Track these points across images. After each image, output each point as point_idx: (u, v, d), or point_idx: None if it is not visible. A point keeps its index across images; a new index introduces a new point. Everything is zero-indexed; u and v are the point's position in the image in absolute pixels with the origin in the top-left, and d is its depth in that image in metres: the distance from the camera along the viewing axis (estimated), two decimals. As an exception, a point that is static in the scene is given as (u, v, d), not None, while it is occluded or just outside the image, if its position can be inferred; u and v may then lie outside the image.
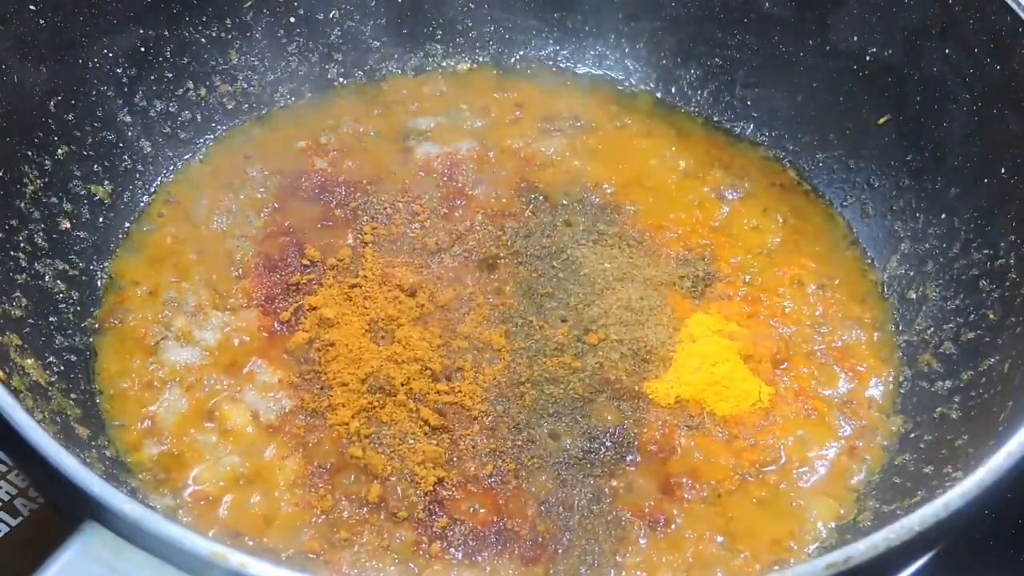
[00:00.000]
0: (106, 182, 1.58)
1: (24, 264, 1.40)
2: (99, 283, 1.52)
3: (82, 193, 1.54)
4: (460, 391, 1.42)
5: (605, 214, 1.67)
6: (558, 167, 1.73)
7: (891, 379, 1.50)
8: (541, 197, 1.69)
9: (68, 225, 1.50)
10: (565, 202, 1.68)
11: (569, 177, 1.71)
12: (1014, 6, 1.45)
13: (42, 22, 1.47)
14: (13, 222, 1.40)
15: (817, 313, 1.58)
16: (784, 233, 1.68)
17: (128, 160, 1.62)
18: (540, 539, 1.31)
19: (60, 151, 1.50)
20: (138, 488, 1.30)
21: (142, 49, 1.64)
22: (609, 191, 1.70)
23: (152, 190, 1.64)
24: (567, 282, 1.57)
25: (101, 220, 1.56)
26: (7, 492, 1.41)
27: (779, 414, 1.46)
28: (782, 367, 1.51)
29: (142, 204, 1.62)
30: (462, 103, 1.82)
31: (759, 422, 1.44)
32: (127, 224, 1.59)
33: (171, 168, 1.68)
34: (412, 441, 1.37)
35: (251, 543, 1.28)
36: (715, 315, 1.55)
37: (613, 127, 1.81)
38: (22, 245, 1.41)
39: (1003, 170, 1.46)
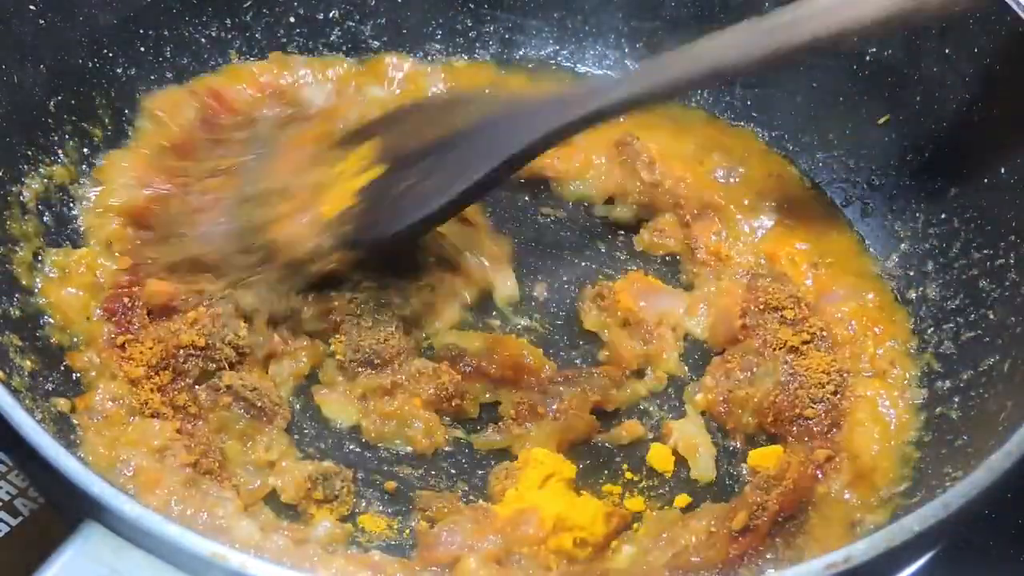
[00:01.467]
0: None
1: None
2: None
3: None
4: None
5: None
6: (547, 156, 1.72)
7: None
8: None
9: (68, 225, 1.50)
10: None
11: (555, 162, 1.71)
12: (1014, 6, 1.45)
13: (42, 22, 1.47)
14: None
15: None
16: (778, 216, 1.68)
17: (128, 160, 1.62)
18: None
19: (60, 151, 1.50)
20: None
21: (142, 49, 1.64)
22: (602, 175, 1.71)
23: (153, 190, 1.64)
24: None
25: (101, 220, 1.56)
26: (7, 492, 1.41)
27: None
28: None
29: (143, 204, 1.62)
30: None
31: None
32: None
33: (171, 168, 1.68)
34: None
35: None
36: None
37: (608, 123, 1.79)
38: (22, 245, 1.41)
39: (1003, 170, 1.46)
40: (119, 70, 1.61)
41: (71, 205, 1.48)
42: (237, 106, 1.61)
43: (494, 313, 1.57)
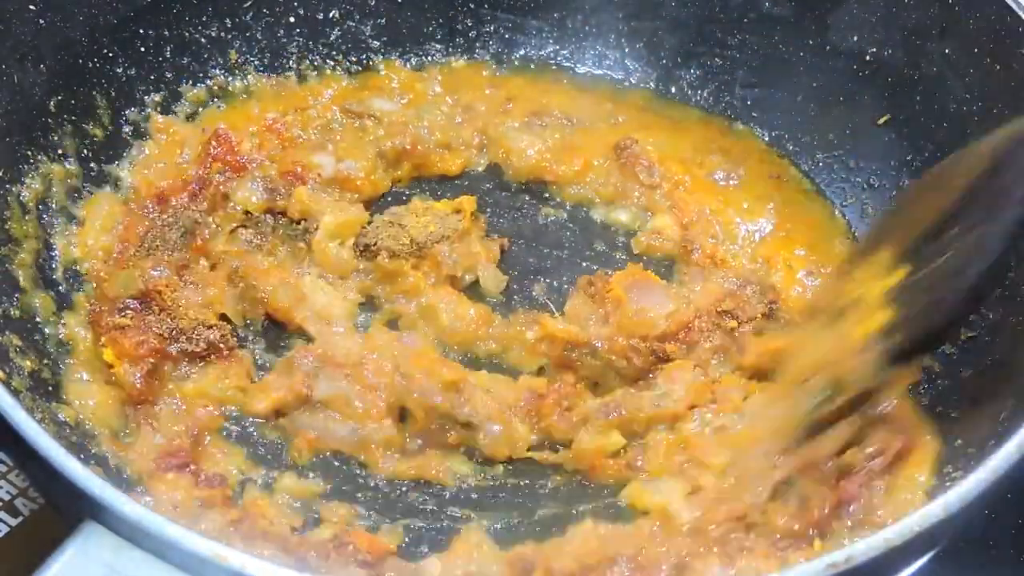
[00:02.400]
0: (106, 184, 1.57)
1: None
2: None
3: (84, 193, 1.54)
4: None
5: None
6: (542, 157, 1.73)
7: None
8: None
9: (68, 225, 1.50)
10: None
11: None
12: (1014, 6, 1.46)
13: (42, 22, 1.47)
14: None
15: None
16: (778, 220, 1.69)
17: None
18: None
19: (60, 151, 1.50)
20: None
21: (142, 49, 1.64)
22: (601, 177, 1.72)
23: (152, 190, 1.64)
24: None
25: (101, 220, 1.56)
26: (7, 492, 1.41)
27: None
28: None
29: (143, 204, 1.63)
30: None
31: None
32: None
33: (171, 168, 1.68)
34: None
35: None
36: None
37: (607, 124, 1.80)
38: (23, 245, 1.41)
39: (1003, 170, 1.46)
40: (119, 70, 1.61)
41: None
42: (240, 151, 1.61)
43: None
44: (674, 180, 1.68)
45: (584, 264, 1.64)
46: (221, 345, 1.43)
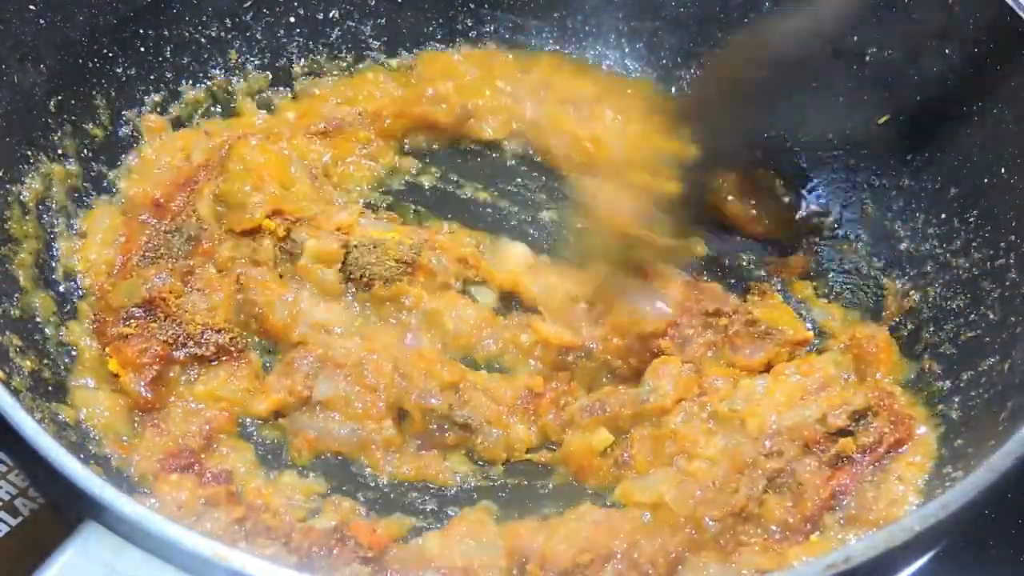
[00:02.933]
0: (106, 186, 1.58)
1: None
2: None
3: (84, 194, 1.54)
4: None
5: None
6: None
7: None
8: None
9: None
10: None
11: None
12: (1014, 6, 1.46)
13: (42, 22, 1.47)
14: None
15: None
16: None
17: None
18: None
19: (60, 151, 1.50)
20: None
21: (142, 49, 1.64)
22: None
23: (152, 190, 1.64)
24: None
25: (101, 220, 1.56)
26: (7, 492, 1.41)
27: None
28: None
29: (143, 204, 1.62)
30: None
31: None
32: (127, 224, 1.59)
33: (171, 168, 1.67)
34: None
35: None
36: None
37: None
38: (23, 245, 1.41)
39: (1003, 170, 1.46)
40: (119, 70, 1.61)
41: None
42: None
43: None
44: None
45: (584, 264, 1.64)
46: (232, 348, 1.43)
